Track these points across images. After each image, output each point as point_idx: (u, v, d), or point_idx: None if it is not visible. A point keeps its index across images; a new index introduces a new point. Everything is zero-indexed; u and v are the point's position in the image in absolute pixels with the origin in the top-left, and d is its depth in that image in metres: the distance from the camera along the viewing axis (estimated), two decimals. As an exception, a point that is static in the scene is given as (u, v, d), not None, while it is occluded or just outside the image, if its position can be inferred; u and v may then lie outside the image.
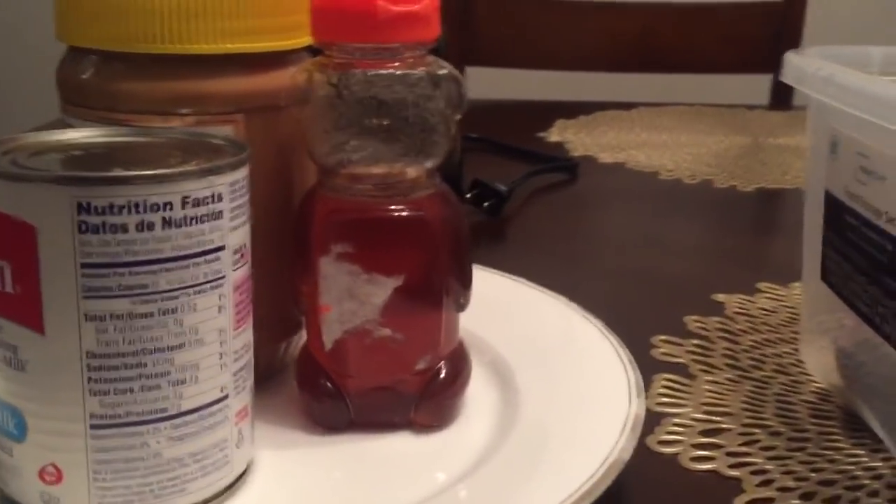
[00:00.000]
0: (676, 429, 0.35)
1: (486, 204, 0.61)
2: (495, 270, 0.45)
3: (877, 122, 0.30)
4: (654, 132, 0.86)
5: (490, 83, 0.99)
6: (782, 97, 1.12)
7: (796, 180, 0.71)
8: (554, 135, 0.85)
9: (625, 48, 1.16)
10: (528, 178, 0.67)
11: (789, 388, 0.38)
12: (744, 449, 0.34)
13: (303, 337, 0.36)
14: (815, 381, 0.39)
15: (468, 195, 0.61)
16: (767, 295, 0.48)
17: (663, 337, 0.43)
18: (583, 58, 1.17)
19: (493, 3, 1.14)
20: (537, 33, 1.16)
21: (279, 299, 0.34)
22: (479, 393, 0.35)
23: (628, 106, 0.97)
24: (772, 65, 1.14)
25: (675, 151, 0.79)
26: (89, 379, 0.26)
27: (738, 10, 1.14)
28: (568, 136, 0.85)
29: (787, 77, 0.37)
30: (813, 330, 0.40)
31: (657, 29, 1.15)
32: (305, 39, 0.35)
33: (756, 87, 1.14)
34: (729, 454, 0.33)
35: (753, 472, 0.32)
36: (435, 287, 0.33)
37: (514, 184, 0.64)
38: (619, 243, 0.58)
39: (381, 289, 0.32)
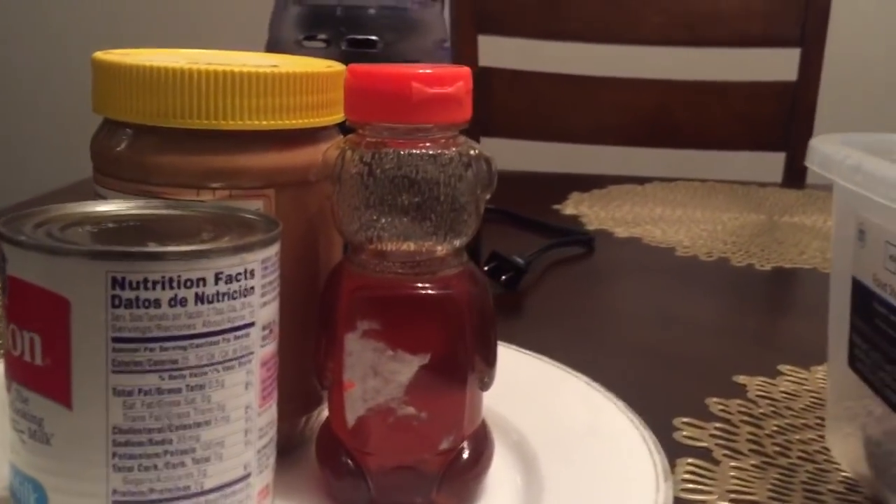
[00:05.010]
0: (702, 517, 0.34)
1: (503, 277, 0.61)
2: (515, 346, 0.45)
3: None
4: (668, 207, 0.86)
5: (505, 154, 1.00)
6: (795, 176, 1.12)
7: (813, 260, 0.71)
8: (569, 208, 0.86)
9: (638, 123, 1.17)
10: (545, 252, 0.68)
11: (816, 477, 0.38)
12: (771, 540, 0.33)
13: (323, 412, 0.36)
14: (842, 470, 0.38)
15: (486, 267, 0.61)
16: (789, 378, 0.48)
17: (685, 419, 0.42)
18: (597, 131, 1.18)
19: (510, 77, 1.16)
20: (552, 107, 1.18)
21: (301, 373, 0.34)
22: (501, 475, 0.34)
23: (641, 180, 0.98)
24: (784, 143, 1.15)
25: (690, 227, 0.79)
26: (114, 454, 0.26)
27: (750, 89, 1.16)
28: (583, 209, 0.85)
29: (812, 163, 0.37)
30: (839, 416, 0.39)
31: (671, 105, 1.16)
32: (337, 116, 0.35)
33: (768, 164, 1.14)
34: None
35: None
36: (460, 365, 0.33)
37: (531, 257, 0.64)
38: (638, 320, 0.58)
39: (407, 367, 0.32)
